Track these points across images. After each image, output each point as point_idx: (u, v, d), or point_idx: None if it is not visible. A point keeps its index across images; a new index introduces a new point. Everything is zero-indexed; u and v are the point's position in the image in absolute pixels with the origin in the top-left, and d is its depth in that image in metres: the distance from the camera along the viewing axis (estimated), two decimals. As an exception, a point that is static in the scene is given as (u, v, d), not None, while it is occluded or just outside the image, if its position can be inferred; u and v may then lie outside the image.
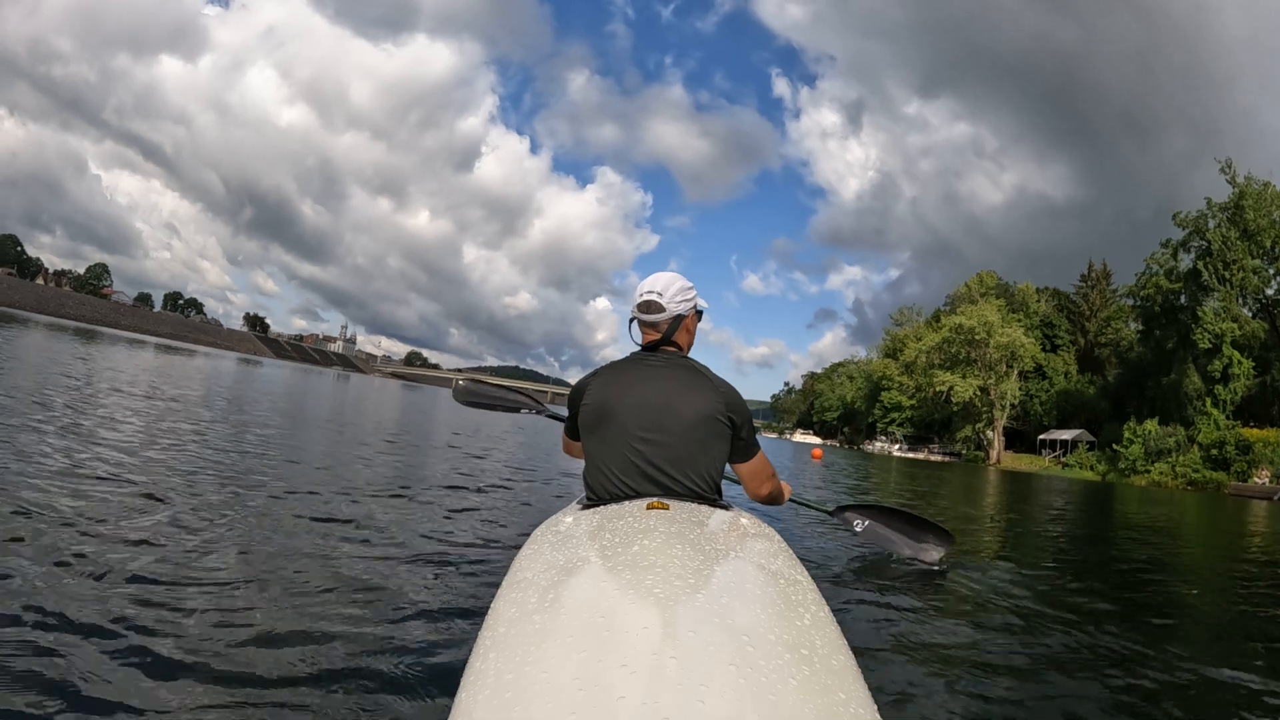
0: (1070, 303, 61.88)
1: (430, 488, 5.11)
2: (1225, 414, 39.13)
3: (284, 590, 2.42)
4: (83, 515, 2.92)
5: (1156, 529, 9.86)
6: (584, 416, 1.87)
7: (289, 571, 2.63)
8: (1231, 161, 43.79)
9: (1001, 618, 3.00)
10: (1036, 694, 2.18)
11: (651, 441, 1.75)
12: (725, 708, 0.73)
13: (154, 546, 2.67)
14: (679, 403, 1.77)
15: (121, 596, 2.13)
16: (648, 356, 1.90)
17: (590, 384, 1.88)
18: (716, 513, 1.61)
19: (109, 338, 35.81)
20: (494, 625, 1.02)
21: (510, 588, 1.16)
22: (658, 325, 1.94)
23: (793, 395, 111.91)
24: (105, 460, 4.19)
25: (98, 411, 6.36)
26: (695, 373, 1.85)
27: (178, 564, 2.51)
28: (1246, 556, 7.32)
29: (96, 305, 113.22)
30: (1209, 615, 3.85)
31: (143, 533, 2.82)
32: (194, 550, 2.71)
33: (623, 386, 1.83)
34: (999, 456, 53.78)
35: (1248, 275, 41.85)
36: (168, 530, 2.92)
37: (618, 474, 1.76)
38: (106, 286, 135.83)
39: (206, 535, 2.95)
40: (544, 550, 1.33)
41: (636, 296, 1.96)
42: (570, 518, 1.61)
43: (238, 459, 5.15)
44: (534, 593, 1.07)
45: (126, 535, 2.75)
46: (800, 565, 1.36)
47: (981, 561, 4.44)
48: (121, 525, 2.88)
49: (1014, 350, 53.44)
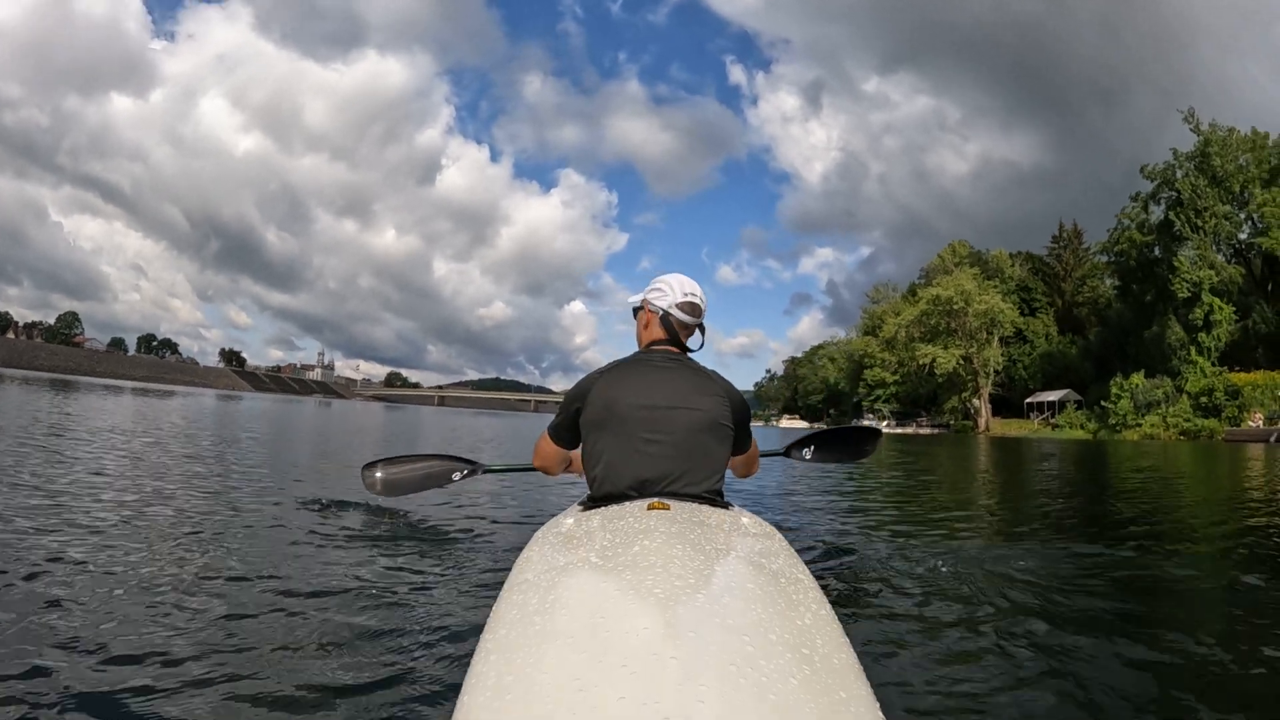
0: (1044, 265, 61.87)
1: (422, 493, 4.90)
2: (1210, 361, 38.89)
3: (284, 593, 2.49)
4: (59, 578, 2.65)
5: (1158, 485, 9.58)
6: (589, 415, 1.85)
7: (289, 574, 2.74)
8: (1194, 110, 43.97)
9: (1006, 610, 2.83)
10: (1043, 687, 2.05)
11: (657, 442, 1.75)
12: (726, 708, 0.72)
13: (162, 573, 2.66)
14: (686, 405, 1.79)
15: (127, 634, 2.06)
16: (652, 356, 1.91)
17: (595, 383, 1.86)
18: (717, 513, 1.61)
19: (85, 386, 36.19)
20: (495, 627, 1.03)
21: (512, 589, 1.17)
22: (692, 327, 2.00)
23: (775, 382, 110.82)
24: (79, 517, 3.74)
25: (73, 466, 5.75)
26: (701, 374, 1.88)
27: (184, 576, 2.61)
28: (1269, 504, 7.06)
29: (70, 354, 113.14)
30: (1229, 582, 3.59)
31: (145, 575, 2.68)
32: (195, 555, 2.91)
33: (629, 387, 1.82)
34: (987, 424, 53.61)
35: (1220, 221, 41.79)
36: (174, 556, 2.95)
37: (621, 474, 1.76)
38: (78, 334, 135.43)
39: (207, 548, 3.09)
40: (545, 552, 1.35)
41: (675, 294, 1.98)
42: (571, 519, 1.64)
43: (237, 484, 5.25)
44: (535, 594, 1.08)
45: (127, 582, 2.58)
46: (802, 564, 1.35)
47: (985, 546, 4.23)
48: (115, 576, 2.66)
49: (993, 317, 53.34)
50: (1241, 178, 42.04)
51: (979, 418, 54.61)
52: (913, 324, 56.89)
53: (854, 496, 6.60)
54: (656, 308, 1.98)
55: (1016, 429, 49.50)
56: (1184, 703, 1.96)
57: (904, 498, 6.93)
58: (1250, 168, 42.11)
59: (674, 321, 1.95)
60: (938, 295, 54.52)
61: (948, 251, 62.62)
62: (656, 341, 1.95)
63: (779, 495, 6.40)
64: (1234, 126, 43.37)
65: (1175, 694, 2.02)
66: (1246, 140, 42.85)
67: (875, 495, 6.95)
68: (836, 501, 6.19)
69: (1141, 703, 1.96)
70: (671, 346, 1.95)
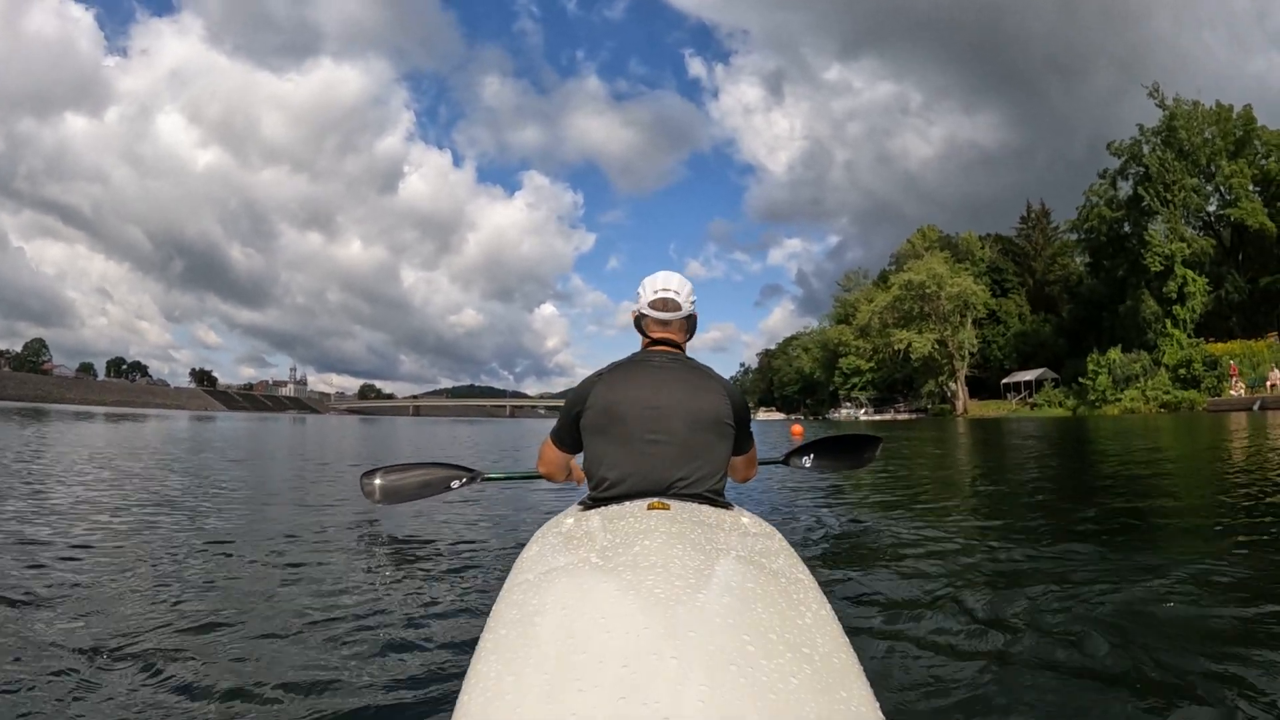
0: (1014, 246, 61.64)
1: (425, 497, 4.85)
2: (1186, 333, 38.62)
3: (285, 594, 2.54)
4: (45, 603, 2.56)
5: (1148, 460, 9.42)
6: (590, 417, 1.82)
7: (289, 575, 2.79)
8: (1159, 85, 43.86)
9: (1007, 610, 2.67)
10: (1044, 687, 2.01)
11: (658, 442, 1.73)
12: (726, 707, 0.73)
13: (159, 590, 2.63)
14: (686, 404, 1.77)
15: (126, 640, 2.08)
16: (651, 356, 1.88)
17: (595, 385, 1.83)
18: (717, 513, 1.60)
19: (55, 414, 35.32)
20: (495, 627, 1.03)
21: (512, 589, 1.17)
22: (673, 324, 1.95)
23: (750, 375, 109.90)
24: (65, 539, 3.65)
25: (40, 499, 5.43)
26: (701, 373, 1.85)
27: (181, 585, 2.63)
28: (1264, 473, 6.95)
29: (38, 382, 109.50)
30: (1235, 564, 3.36)
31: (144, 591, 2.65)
32: (196, 561, 2.98)
33: (629, 387, 1.80)
34: (965, 406, 53.07)
35: (1189, 194, 41.63)
36: (172, 570, 2.91)
37: (623, 474, 1.74)
38: (46, 361, 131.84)
39: (204, 556, 3.11)
40: (545, 552, 1.34)
41: (647, 293, 1.95)
42: (571, 519, 1.62)
43: (224, 500, 5.15)
44: (535, 594, 1.08)
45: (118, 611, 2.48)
46: (802, 564, 1.35)
47: (985, 545, 4.06)
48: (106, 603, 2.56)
49: (966, 299, 52.82)
50: (1208, 150, 41.95)
51: (956, 400, 54.08)
52: (886, 310, 56.22)
53: (854, 496, 6.42)
54: (636, 310, 1.97)
55: (995, 410, 48.99)
56: (1181, 706, 1.90)
57: (901, 493, 6.79)
58: (1216, 140, 42.02)
59: (647, 321, 1.94)
60: (910, 280, 53.87)
61: (917, 236, 62.17)
62: (650, 342, 1.93)
63: (779, 495, 6.28)
64: (1198, 100, 43.41)
65: (1172, 695, 1.94)
66: (1211, 113, 42.80)
67: (874, 494, 6.80)
68: (837, 501, 6.00)
69: (1140, 703, 1.92)
70: (668, 346, 1.92)
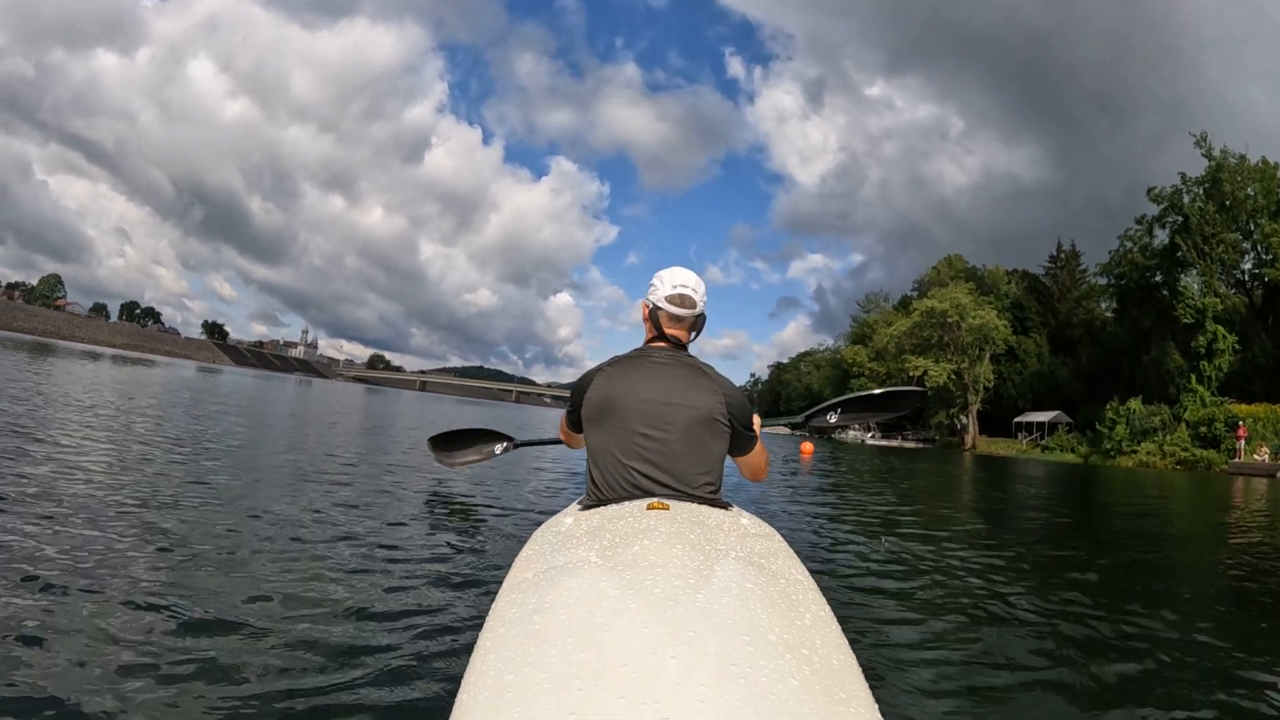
0: (1040, 284, 60.70)
1: (422, 491, 4.88)
2: (1210, 390, 37.64)
3: (284, 595, 2.47)
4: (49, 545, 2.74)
5: (1167, 516, 9.39)
6: (587, 411, 1.83)
7: (288, 576, 2.72)
8: (1207, 134, 42.89)
9: (1003, 614, 2.82)
10: (1038, 691, 2.06)
11: (653, 438, 1.73)
12: (725, 708, 0.73)
13: (149, 559, 2.68)
14: (681, 400, 1.76)
15: (121, 613, 2.11)
16: (652, 352, 1.88)
17: (595, 378, 1.84)
18: (716, 513, 1.60)
19: (63, 351, 36.07)
20: (494, 626, 1.03)
21: (510, 589, 1.17)
22: (686, 321, 1.93)
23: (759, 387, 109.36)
24: (55, 488, 3.86)
25: (46, 433, 5.79)
26: (698, 370, 1.84)
27: (175, 570, 2.60)
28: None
29: (50, 318, 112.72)
30: (1238, 614, 3.55)
31: (133, 553, 2.75)
32: (192, 556, 2.80)
33: (627, 382, 1.80)
34: (974, 441, 52.29)
35: (1227, 249, 40.69)
36: (161, 540, 2.94)
37: (619, 469, 1.74)
38: (60, 298, 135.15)
39: (203, 541, 3.02)
40: (544, 551, 1.34)
41: (665, 287, 1.93)
42: (570, 518, 1.62)
43: (231, 470, 5.18)
44: (534, 593, 1.08)
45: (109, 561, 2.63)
46: (801, 565, 1.35)
47: (982, 553, 4.17)
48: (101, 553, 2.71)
49: (987, 333, 51.98)
50: (1249, 206, 41.02)
51: (966, 434, 53.31)
52: (905, 335, 55.49)
53: (854, 499, 6.43)
54: (650, 303, 1.94)
55: (1004, 448, 48.18)
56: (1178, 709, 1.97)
57: (902, 505, 6.80)
58: (1258, 197, 41.07)
59: (662, 316, 1.92)
60: (932, 307, 53.11)
61: (944, 264, 61.48)
62: (655, 337, 1.91)
63: (779, 496, 6.24)
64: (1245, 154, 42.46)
65: (1163, 700, 2.01)
66: (1256, 170, 41.85)
67: (875, 499, 6.79)
68: (836, 503, 6.05)
69: (1135, 704, 1.95)
70: (669, 342, 1.90)
